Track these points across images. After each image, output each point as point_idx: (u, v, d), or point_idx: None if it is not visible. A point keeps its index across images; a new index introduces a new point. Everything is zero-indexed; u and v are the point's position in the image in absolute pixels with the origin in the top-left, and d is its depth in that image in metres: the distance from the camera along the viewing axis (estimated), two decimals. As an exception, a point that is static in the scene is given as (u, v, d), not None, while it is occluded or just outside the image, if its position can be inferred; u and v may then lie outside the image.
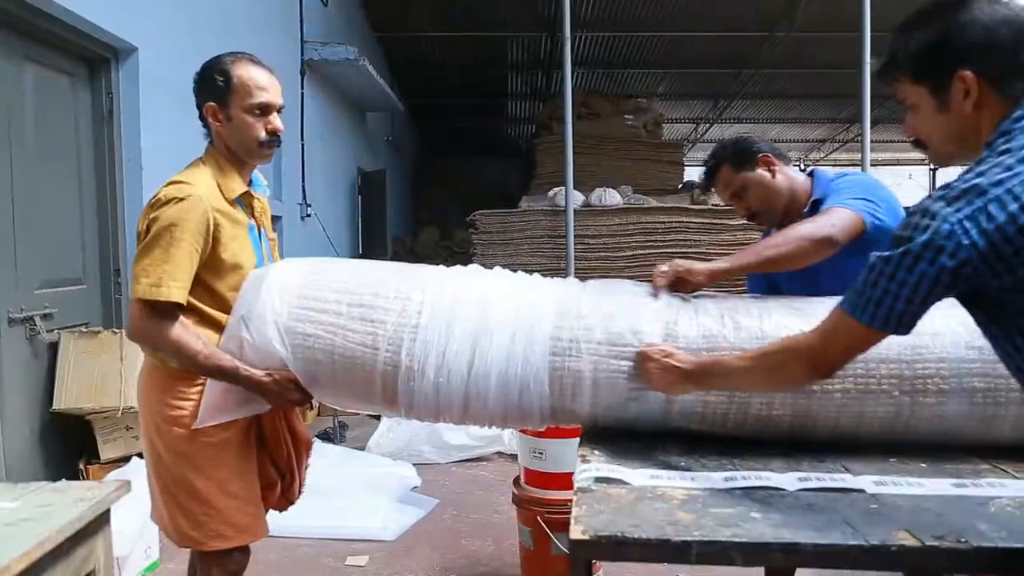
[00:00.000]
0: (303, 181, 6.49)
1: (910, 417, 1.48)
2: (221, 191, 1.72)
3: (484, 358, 1.55)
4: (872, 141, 15.14)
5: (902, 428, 1.50)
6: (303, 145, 6.45)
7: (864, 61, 7.20)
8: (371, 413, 3.07)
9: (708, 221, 6.94)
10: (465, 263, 6.51)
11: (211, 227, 1.63)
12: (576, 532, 1.08)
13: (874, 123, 13.71)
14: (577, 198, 7.22)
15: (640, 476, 1.33)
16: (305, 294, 1.62)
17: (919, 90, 1.18)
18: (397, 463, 3.80)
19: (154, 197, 1.65)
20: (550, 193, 7.48)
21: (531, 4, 9.14)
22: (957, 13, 1.13)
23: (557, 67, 9.95)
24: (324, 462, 3.40)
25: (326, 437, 4.44)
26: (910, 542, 1.05)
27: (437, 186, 14.00)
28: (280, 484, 1.90)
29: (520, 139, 14.29)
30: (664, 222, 6.98)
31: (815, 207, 1.90)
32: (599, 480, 1.31)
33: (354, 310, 1.60)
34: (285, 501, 1.96)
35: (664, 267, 1.80)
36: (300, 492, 2.00)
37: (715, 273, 1.79)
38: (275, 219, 5.82)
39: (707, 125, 13.82)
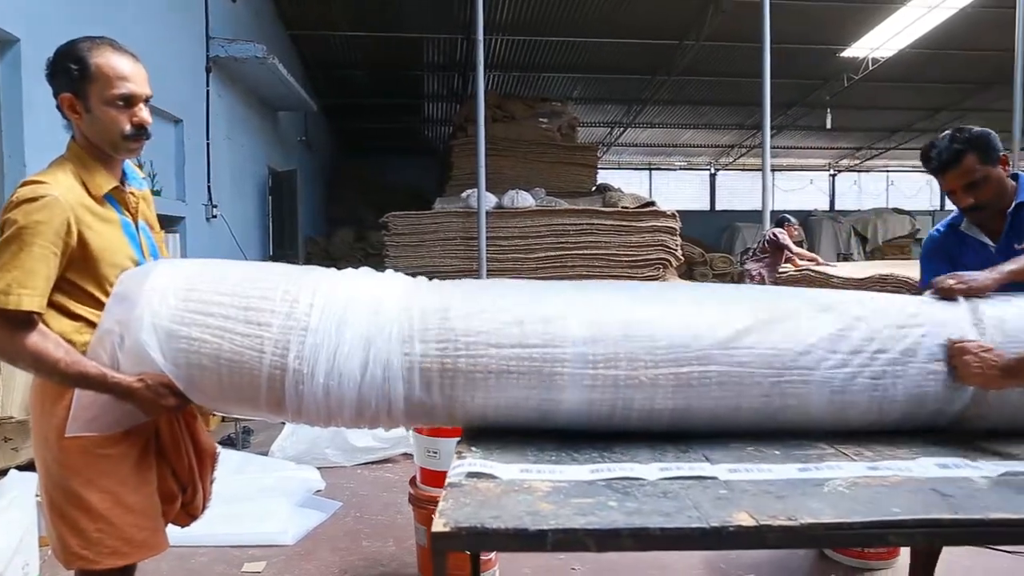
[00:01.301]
0: (208, 181, 6.31)
1: (779, 407, 1.58)
2: (87, 188, 1.62)
3: (377, 360, 1.54)
4: (776, 147, 15.93)
5: (771, 417, 1.59)
6: (209, 144, 6.28)
7: (765, 71, 7.54)
8: (257, 418, 3.02)
9: (618, 223, 7.11)
10: (380, 264, 6.46)
11: (73, 228, 1.53)
12: (438, 525, 1.11)
13: (778, 130, 14.39)
14: (490, 200, 7.28)
15: (511, 470, 1.37)
16: (190, 296, 1.56)
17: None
18: (300, 467, 3.75)
19: (9, 199, 1.55)
20: (463, 195, 7.52)
21: (447, 6, 9.16)
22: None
23: (473, 69, 10.03)
24: (224, 468, 3.29)
25: (228, 443, 4.34)
26: (747, 522, 1.13)
27: (353, 187, 13.83)
28: (182, 497, 1.82)
29: (437, 140, 14.29)
30: (575, 224, 7.12)
31: (1020, 209, 2.10)
32: (471, 475, 1.35)
33: (241, 313, 1.55)
34: (187, 516, 1.87)
35: (951, 281, 1.81)
36: (205, 506, 1.91)
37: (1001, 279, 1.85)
38: (178, 220, 5.69)
39: (621, 129, 14.15)
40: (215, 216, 6.33)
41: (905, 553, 2.95)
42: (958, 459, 1.46)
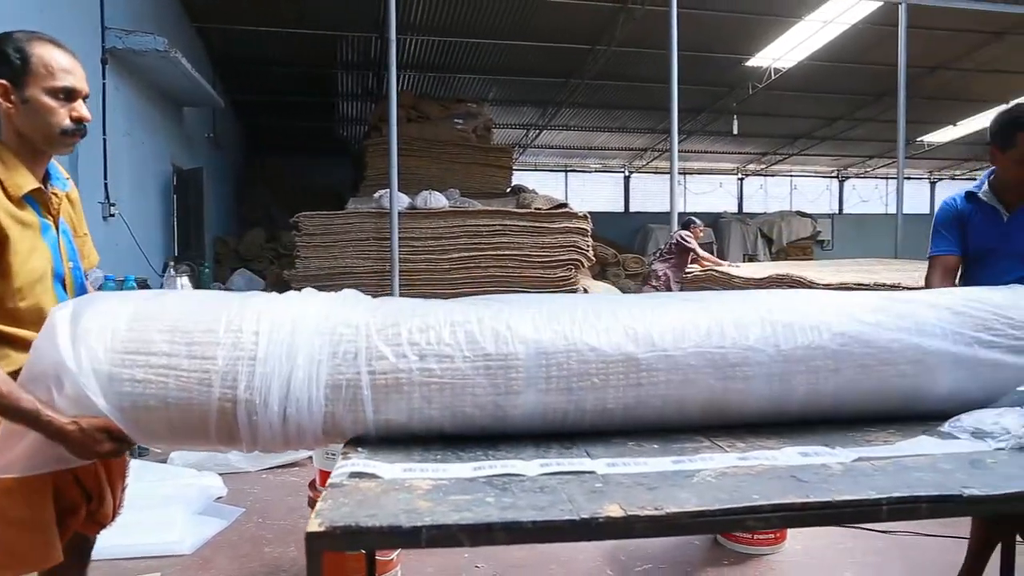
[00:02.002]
0: (105, 178, 6.04)
1: (723, 401, 1.66)
2: (4, 188, 1.53)
3: (336, 381, 1.51)
4: (687, 151, 16.42)
5: (717, 411, 1.67)
6: (105, 140, 6.01)
7: (672, 77, 7.78)
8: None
9: (531, 224, 7.20)
10: (291, 264, 6.31)
11: None
12: (313, 525, 1.11)
13: (688, 134, 14.86)
14: (403, 200, 7.25)
15: (394, 470, 1.38)
16: (129, 337, 1.49)
17: None
18: (202, 474, 3.64)
19: None
20: (376, 195, 7.47)
21: (361, 4, 9.06)
22: None
23: (387, 69, 9.95)
24: (117, 478, 3.20)
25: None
26: (616, 514, 1.18)
27: (266, 186, 13.52)
28: (88, 506, 1.75)
29: (353, 140, 14.09)
30: (489, 225, 7.16)
31: None
32: (353, 475, 1.35)
33: (185, 348, 1.49)
34: (96, 524, 1.80)
35: None
36: (116, 514, 1.85)
37: None
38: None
39: (537, 131, 14.31)
40: (112, 215, 6.06)
41: (792, 538, 3.12)
42: (819, 447, 1.55)
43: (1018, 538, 2.40)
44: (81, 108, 1.62)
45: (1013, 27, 10.34)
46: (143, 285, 5.04)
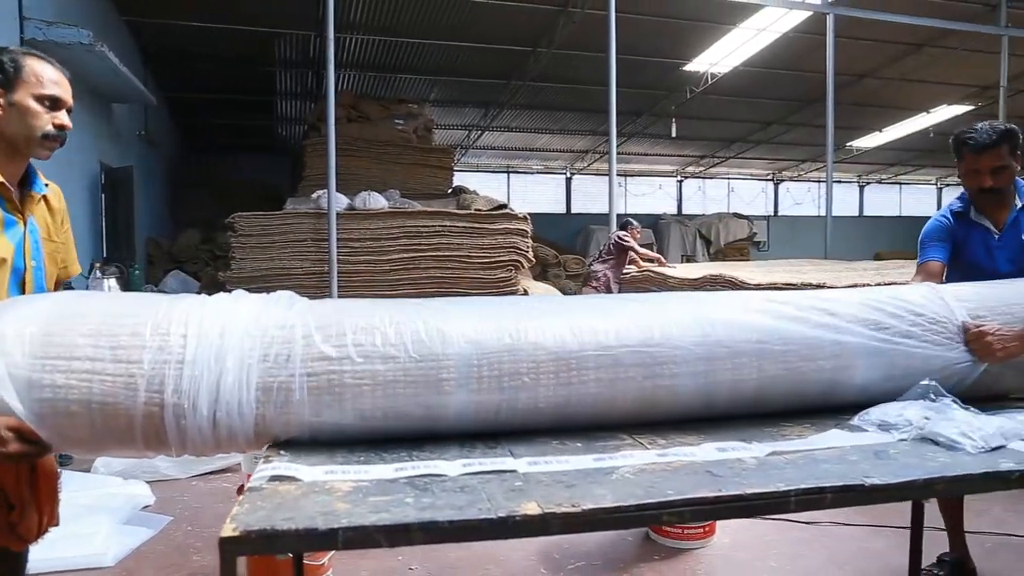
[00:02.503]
0: (26, 176, 5.79)
1: (652, 398, 1.70)
2: None
3: (269, 384, 1.49)
4: (627, 153, 16.64)
5: (647, 407, 1.71)
6: (26, 136, 5.76)
7: (611, 80, 7.89)
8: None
9: (471, 225, 7.20)
10: (228, 267, 6.15)
11: None
12: (227, 530, 1.10)
13: (628, 137, 15.07)
14: (341, 201, 7.17)
15: (315, 472, 1.37)
16: (51, 341, 1.43)
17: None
18: (128, 482, 3.54)
19: None
20: (314, 195, 7.37)
21: (300, 2, 8.92)
22: None
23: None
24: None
25: (47, 460, 4.02)
26: (533, 511, 1.20)
27: (202, 186, 13.17)
28: (8, 516, 1.68)
29: (292, 139, 13.85)
30: (428, 226, 7.13)
31: None
32: (273, 479, 1.34)
33: (109, 352, 1.45)
34: (18, 538, 1.72)
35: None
36: (45, 528, 1.78)
37: None
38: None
39: (479, 132, 14.31)
40: (35, 215, 5.81)
41: (721, 531, 3.20)
42: (736, 442, 1.60)
43: None
44: (64, 117, 1.74)
45: (931, 40, 10.83)
46: (66, 287, 4.86)
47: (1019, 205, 2.55)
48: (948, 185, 21.88)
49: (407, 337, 1.57)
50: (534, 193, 17.60)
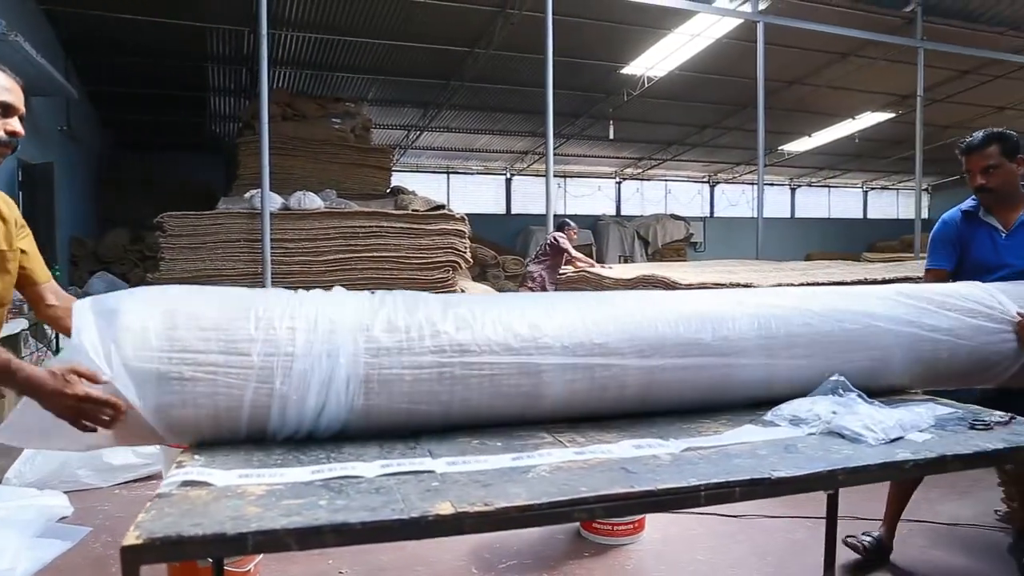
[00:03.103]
0: (-64, 173, 5.53)
1: (533, 395, 1.72)
2: None
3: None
4: (566, 154, 16.77)
5: (531, 407, 1.73)
6: (-65, 131, 5.47)
7: (548, 82, 7.94)
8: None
9: (408, 225, 7.15)
10: (156, 267, 5.93)
11: None
12: (130, 538, 1.07)
13: (567, 138, 15.21)
14: (276, 201, 7.03)
15: (229, 476, 1.35)
16: (173, 336, 1.49)
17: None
18: (44, 493, 3.40)
19: None
20: (247, 195, 7.21)
21: (233, -5, 8.72)
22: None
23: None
24: (-57, 500, 2.93)
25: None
26: (447, 511, 1.21)
27: (132, 184, 12.75)
28: None
29: (226, 137, 13.51)
30: (365, 226, 7.06)
31: None
32: (184, 484, 1.31)
33: (227, 345, 1.51)
34: None
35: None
36: None
37: None
38: None
39: (418, 132, 14.23)
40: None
41: (651, 526, 3.26)
42: (653, 439, 1.65)
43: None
44: (15, 124, 1.76)
45: (854, 50, 11.25)
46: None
47: None
48: (873, 188, 22.76)
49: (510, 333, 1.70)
50: (474, 194, 17.60)
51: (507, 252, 14.31)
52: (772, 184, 20.68)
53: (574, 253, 7.45)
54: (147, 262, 9.75)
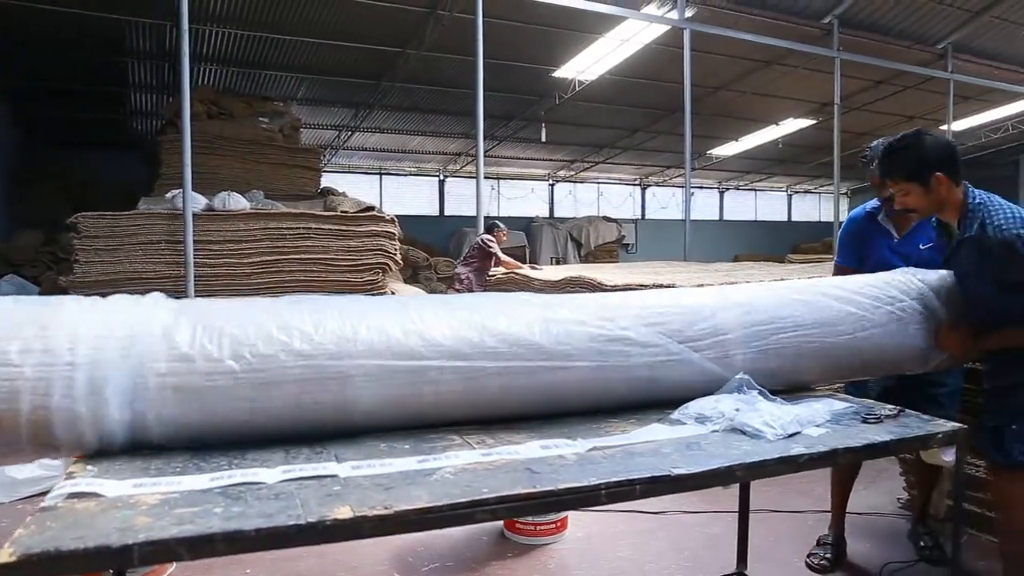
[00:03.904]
0: None
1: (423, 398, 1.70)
2: None
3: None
4: (499, 156, 16.79)
5: (415, 410, 1.71)
6: None
7: (478, 83, 7.96)
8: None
9: (337, 227, 7.05)
10: (71, 271, 5.65)
11: None
12: (3, 556, 1.04)
13: (500, 140, 15.26)
14: (199, 201, 6.84)
15: (122, 487, 1.32)
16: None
17: (910, 185, 2.32)
18: (-59, 508, 3.23)
19: None
20: (168, 195, 6.99)
21: (153, -12, 8.43)
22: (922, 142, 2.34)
23: (190, 60, 9.31)
24: None
25: None
26: (345, 515, 1.20)
27: (47, 183, 12.18)
28: None
29: (148, 135, 13.05)
30: (293, 228, 6.93)
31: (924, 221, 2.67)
32: (71, 496, 1.27)
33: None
34: None
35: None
36: None
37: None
38: None
39: (349, 132, 14.05)
40: None
41: (574, 525, 3.30)
42: (561, 439, 1.67)
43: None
44: None
45: (777, 59, 11.65)
46: None
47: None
48: (797, 192, 23.57)
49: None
50: (407, 195, 17.46)
51: (440, 254, 14.26)
52: (701, 187, 21.20)
53: (502, 256, 7.49)
54: (61, 264, 9.33)
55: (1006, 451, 2.28)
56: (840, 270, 2.94)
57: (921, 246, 2.76)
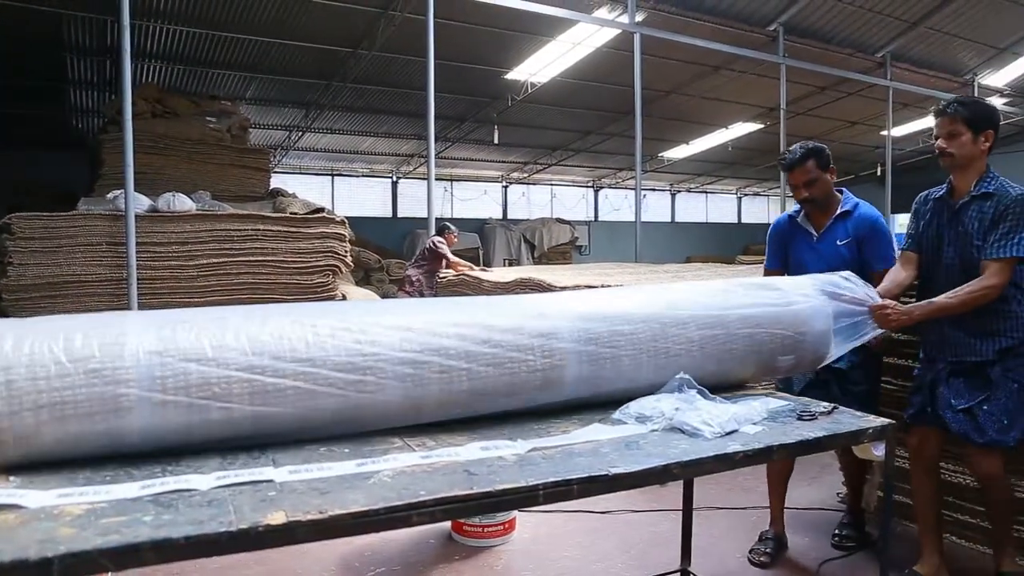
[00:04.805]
0: None
1: (356, 406, 1.67)
2: None
3: None
4: (452, 158, 16.75)
5: (349, 416, 1.68)
6: None
7: (429, 84, 7.94)
8: None
9: (286, 229, 6.96)
10: (4, 274, 5.44)
11: None
12: (-88, 572, 1.00)
13: (453, 141, 15.23)
14: (143, 202, 6.68)
15: (47, 497, 1.28)
16: None
17: (967, 130, 2.52)
18: None
19: None
20: (109, 195, 6.81)
21: (93, -18, 8.19)
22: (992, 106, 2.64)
23: (133, 57, 9.07)
24: None
25: None
26: (278, 521, 1.19)
27: (-22, 181, 11.74)
28: None
29: (90, 133, 12.67)
30: (240, 229, 6.81)
31: (840, 216, 2.94)
32: (-9, 508, 1.23)
33: None
34: None
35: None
36: None
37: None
38: None
39: (300, 133, 13.86)
40: None
41: (521, 526, 3.31)
42: (502, 440, 1.68)
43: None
44: None
45: (725, 64, 11.89)
46: None
47: (838, 212, 2.94)
48: (747, 195, 24.06)
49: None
50: (360, 196, 17.29)
51: (393, 256, 14.16)
52: (653, 189, 21.48)
53: (451, 258, 7.48)
54: (-4, 267, 8.99)
55: (983, 431, 2.45)
56: (768, 274, 3.12)
57: (838, 242, 2.94)
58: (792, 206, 3.25)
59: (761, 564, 3.02)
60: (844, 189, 3.07)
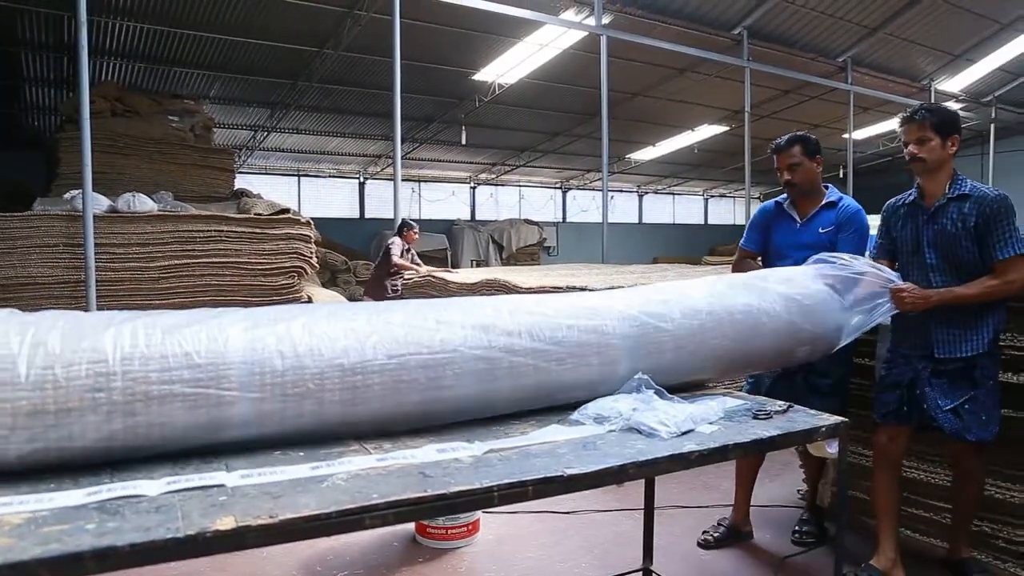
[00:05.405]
0: None
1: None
2: None
3: None
4: (419, 159, 16.68)
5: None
6: None
7: (395, 85, 7.90)
8: None
9: (250, 230, 6.87)
10: None
11: None
12: None
13: (420, 143, 15.17)
14: (102, 202, 6.55)
15: (-15, 506, 1.24)
16: None
17: (935, 136, 2.58)
18: None
19: None
20: (67, 195, 6.66)
21: (47, -25, 8.01)
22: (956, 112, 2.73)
23: (92, 54, 8.90)
24: None
25: None
26: (228, 526, 1.17)
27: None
28: None
29: (47, 132, 12.39)
30: (203, 231, 6.71)
31: (825, 207, 3.03)
32: (-75, 519, 1.19)
33: None
34: None
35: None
36: None
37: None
38: None
39: (265, 133, 13.71)
40: None
41: (485, 528, 3.31)
42: (459, 442, 1.67)
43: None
44: None
45: (691, 67, 12.03)
46: None
47: (824, 202, 3.04)
48: (713, 196, 24.34)
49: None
50: (327, 197, 17.15)
51: (361, 257, 14.07)
52: (620, 191, 21.63)
53: (397, 260, 7.44)
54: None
55: (969, 429, 2.53)
56: (742, 253, 3.25)
57: (820, 230, 3.03)
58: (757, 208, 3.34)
59: (704, 543, 3.15)
60: (830, 185, 3.16)
